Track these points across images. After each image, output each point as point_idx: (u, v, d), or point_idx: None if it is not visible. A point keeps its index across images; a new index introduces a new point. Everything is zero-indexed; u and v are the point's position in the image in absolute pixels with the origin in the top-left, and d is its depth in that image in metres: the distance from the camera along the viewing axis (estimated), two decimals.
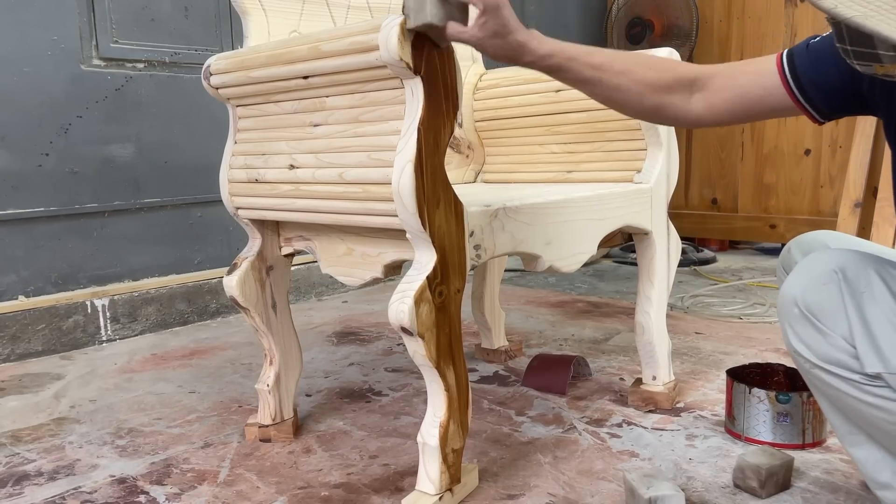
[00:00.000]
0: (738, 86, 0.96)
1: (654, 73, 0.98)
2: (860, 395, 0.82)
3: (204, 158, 2.24)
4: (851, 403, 0.84)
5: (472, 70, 1.66)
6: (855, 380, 0.82)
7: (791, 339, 0.87)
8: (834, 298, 0.82)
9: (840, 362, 0.83)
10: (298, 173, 1.13)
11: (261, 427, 1.35)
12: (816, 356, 0.85)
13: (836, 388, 0.84)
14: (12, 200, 1.92)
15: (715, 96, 0.97)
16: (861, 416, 0.85)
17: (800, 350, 0.87)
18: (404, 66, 0.92)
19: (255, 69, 1.15)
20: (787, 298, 0.87)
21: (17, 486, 1.20)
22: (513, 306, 2.39)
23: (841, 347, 0.82)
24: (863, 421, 0.86)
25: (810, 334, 0.85)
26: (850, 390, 0.83)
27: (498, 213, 1.07)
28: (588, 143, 1.47)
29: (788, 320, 0.87)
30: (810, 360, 0.86)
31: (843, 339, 0.82)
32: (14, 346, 1.91)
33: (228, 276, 1.28)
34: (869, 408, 0.83)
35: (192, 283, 2.26)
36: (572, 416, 1.43)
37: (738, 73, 0.97)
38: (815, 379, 0.88)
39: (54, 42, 1.95)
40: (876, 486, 0.88)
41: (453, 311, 1.04)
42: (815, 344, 0.85)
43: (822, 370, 0.85)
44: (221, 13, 2.28)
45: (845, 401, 0.85)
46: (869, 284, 0.81)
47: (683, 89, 0.98)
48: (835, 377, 0.84)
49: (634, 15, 3.29)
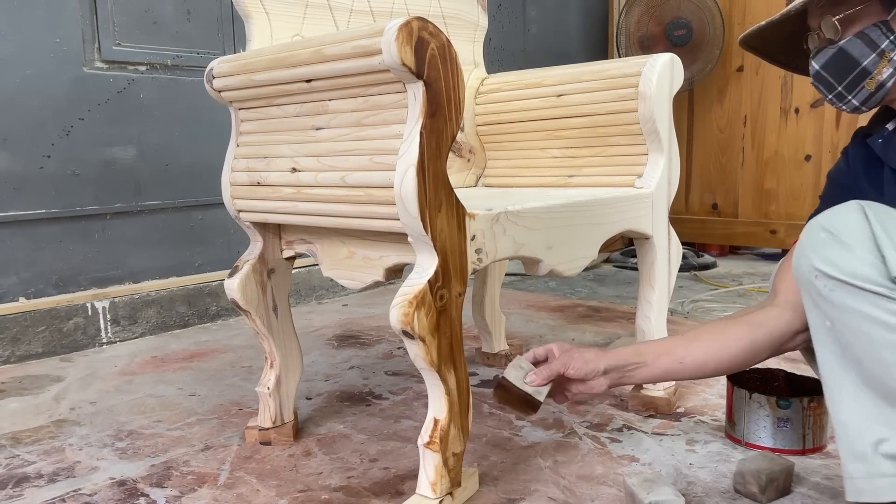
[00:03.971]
0: None
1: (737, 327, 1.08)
2: (878, 312, 0.82)
3: (205, 161, 2.24)
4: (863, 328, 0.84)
5: (474, 74, 1.66)
6: (879, 292, 0.82)
7: (815, 261, 0.87)
8: (860, 222, 0.85)
9: (866, 276, 0.83)
10: (300, 176, 1.13)
11: (261, 430, 1.35)
12: (842, 272, 0.85)
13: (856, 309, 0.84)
14: (13, 202, 1.92)
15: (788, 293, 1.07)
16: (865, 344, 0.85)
17: (825, 269, 0.86)
18: (407, 70, 0.92)
19: (257, 72, 1.15)
20: (814, 226, 0.89)
21: (17, 487, 1.20)
22: (513, 310, 2.39)
23: (868, 261, 0.83)
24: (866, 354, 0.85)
25: (837, 253, 0.85)
26: (868, 309, 0.83)
27: (500, 217, 1.08)
28: (589, 147, 1.48)
29: (814, 246, 0.88)
30: (836, 278, 0.85)
31: (870, 253, 0.83)
32: (14, 348, 1.91)
33: (230, 279, 1.28)
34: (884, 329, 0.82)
35: (192, 286, 2.27)
36: (572, 421, 1.42)
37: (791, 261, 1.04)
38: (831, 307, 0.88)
39: (57, 44, 1.95)
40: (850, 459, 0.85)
41: (454, 315, 1.04)
42: (841, 261, 0.85)
43: (848, 286, 0.85)
44: (224, 16, 2.29)
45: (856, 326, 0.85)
46: (889, 214, 0.84)
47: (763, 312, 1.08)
48: (857, 293, 0.84)
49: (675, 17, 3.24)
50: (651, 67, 1.35)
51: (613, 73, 1.40)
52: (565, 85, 1.48)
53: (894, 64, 0.78)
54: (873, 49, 0.84)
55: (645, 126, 1.37)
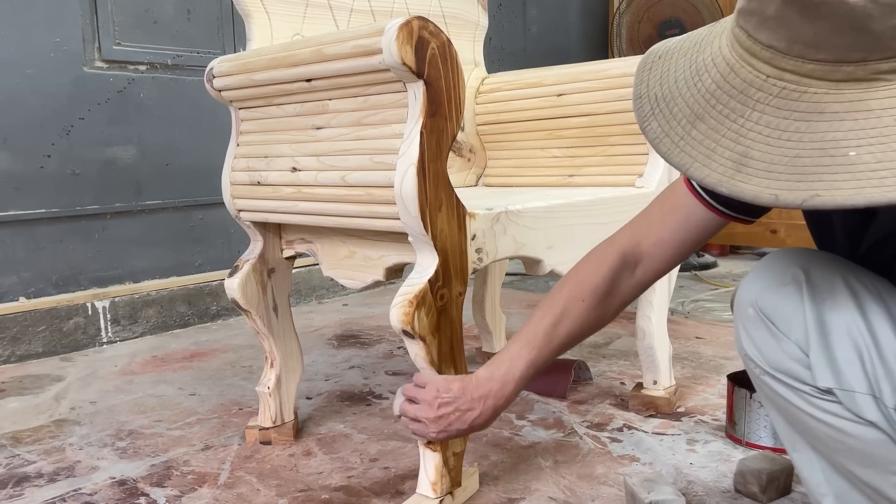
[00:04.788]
0: (673, 242, 0.94)
1: (589, 298, 0.95)
2: (809, 408, 0.75)
3: (205, 161, 2.24)
4: (798, 415, 0.77)
5: (475, 74, 1.66)
6: (805, 391, 0.75)
7: (743, 341, 0.80)
8: (793, 301, 0.75)
9: (791, 372, 0.75)
10: (301, 176, 1.13)
11: (261, 430, 1.35)
12: (768, 363, 0.77)
13: (785, 397, 0.77)
14: (14, 202, 1.92)
15: (655, 260, 0.95)
16: (807, 427, 0.78)
17: (751, 354, 0.79)
18: (407, 69, 0.92)
19: (258, 72, 1.15)
20: (743, 298, 0.80)
21: (18, 487, 1.20)
22: (514, 310, 2.39)
23: (794, 355, 0.75)
24: (808, 432, 0.79)
25: (763, 338, 0.77)
26: (798, 402, 0.76)
27: (500, 216, 1.08)
28: (590, 147, 1.47)
29: (742, 322, 0.80)
30: (761, 366, 0.78)
31: (797, 347, 0.74)
32: (14, 348, 1.91)
33: (230, 279, 1.28)
34: (816, 422, 0.75)
35: (192, 286, 2.27)
36: (573, 421, 1.42)
37: (663, 226, 0.94)
38: (764, 386, 0.81)
39: (57, 44, 1.95)
40: (816, 495, 0.81)
41: (455, 315, 1.04)
42: (767, 349, 0.77)
43: (773, 378, 0.78)
44: (224, 16, 2.29)
45: (792, 411, 0.78)
46: (833, 290, 0.74)
47: (623, 278, 0.96)
48: (785, 387, 0.77)
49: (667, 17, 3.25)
50: None
51: (613, 72, 1.40)
52: (565, 84, 1.48)
53: None
54: None
55: None
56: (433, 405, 0.94)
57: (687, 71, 0.64)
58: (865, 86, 0.55)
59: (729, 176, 0.58)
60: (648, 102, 0.67)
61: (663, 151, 0.63)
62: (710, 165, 0.59)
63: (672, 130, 0.63)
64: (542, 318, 0.95)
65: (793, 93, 0.57)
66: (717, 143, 0.59)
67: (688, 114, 0.62)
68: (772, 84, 0.58)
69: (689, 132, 0.61)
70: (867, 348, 0.71)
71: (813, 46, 0.55)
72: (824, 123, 0.56)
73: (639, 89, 0.69)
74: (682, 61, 0.66)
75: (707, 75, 0.62)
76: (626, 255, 0.95)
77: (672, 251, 0.94)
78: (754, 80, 0.59)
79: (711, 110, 0.61)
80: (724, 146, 0.59)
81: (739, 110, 0.59)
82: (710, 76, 0.62)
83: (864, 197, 0.53)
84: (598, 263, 0.96)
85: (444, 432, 0.94)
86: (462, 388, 0.94)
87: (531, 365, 0.95)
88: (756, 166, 0.57)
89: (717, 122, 0.60)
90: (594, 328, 0.99)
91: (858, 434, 0.72)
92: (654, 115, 0.65)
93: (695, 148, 0.61)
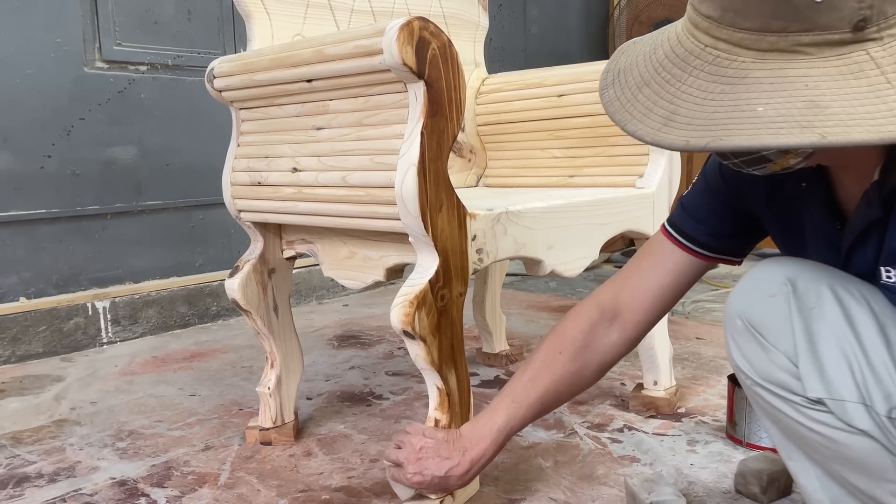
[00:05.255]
0: (650, 288, 0.96)
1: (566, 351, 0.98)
2: (800, 418, 0.76)
3: (206, 161, 2.24)
4: (791, 424, 0.78)
5: (475, 74, 1.66)
6: (796, 402, 0.75)
7: (733, 353, 0.81)
8: (780, 312, 0.76)
9: (781, 382, 0.76)
10: (301, 176, 1.13)
11: (261, 430, 1.35)
12: (758, 374, 0.78)
13: (777, 408, 0.78)
14: (14, 202, 1.92)
15: (634, 310, 0.97)
16: (800, 436, 0.79)
17: (741, 366, 0.80)
18: (408, 70, 0.92)
19: (258, 72, 1.15)
20: (731, 310, 0.81)
21: (18, 487, 1.20)
22: (514, 311, 2.39)
23: (783, 366, 0.76)
24: (801, 441, 0.79)
25: (753, 350, 0.78)
26: (790, 412, 0.76)
27: (500, 217, 1.08)
28: (590, 147, 1.47)
29: (731, 333, 0.81)
30: (752, 378, 0.79)
31: (786, 358, 0.75)
32: (15, 348, 1.91)
33: (230, 279, 1.28)
34: (809, 432, 0.76)
35: (193, 286, 2.27)
36: (573, 421, 1.42)
37: (640, 278, 0.97)
38: (756, 396, 0.82)
39: (58, 44, 1.95)
40: (813, 501, 0.82)
41: (455, 315, 1.04)
42: (756, 361, 0.78)
43: (764, 389, 0.78)
44: (224, 16, 2.29)
45: (785, 421, 0.79)
46: (819, 299, 0.74)
47: (600, 330, 0.98)
48: (776, 397, 0.77)
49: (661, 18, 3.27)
50: None
51: None
52: (566, 85, 1.48)
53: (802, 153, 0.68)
54: None
55: None
56: (415, 446, 0.99)
57: (648, 48, 0.71)
58: (787, 57, 0.59)
59: (656, 130, 0.64)
60: (610, 74, 0.73)
61: (610, 112, 0.69)
62: (645, 122, 0.65)
63: (623, 96, 0.69)
64: (521, 373, 1.01)
65: (724, 61, 0.62)
66: (654, 104, 0.65)
67: (638, 81, 0.68)
68: (708, 52, 0.63)
69: (636, 96, 0.67)
70: (856, 357, 0.72)
71: (741, 14, 0.60)
72: (745, 87, 0.60)
73: (608, 66, 0.75)
74: (648, 41, 0.72)
75: (660, 49, 0.68)
76: (603, 307, 0.98)
77: (650, 298, 0.96)
78: (694, 48, 0.64)
79: (657, 76, 0.66)
80: (660, 106, 0.64)
81: (679, 76, 0.64)
82: (662, 50, 0.68)
83: (757, 140, 0.57)
84: (577, 317, 1.00)
85: (419, 475, 0.97)
86: (446, 436, 1.00)
87: (511, 418, 0.99)
88: (680, 122, 0.62)
89: (659, 87, 0.66)
90: (573, 384, 1.00)
91: (850, 443, 0.73)
92: (612, 84, 0.71)
93: (637, 108, 0.66)
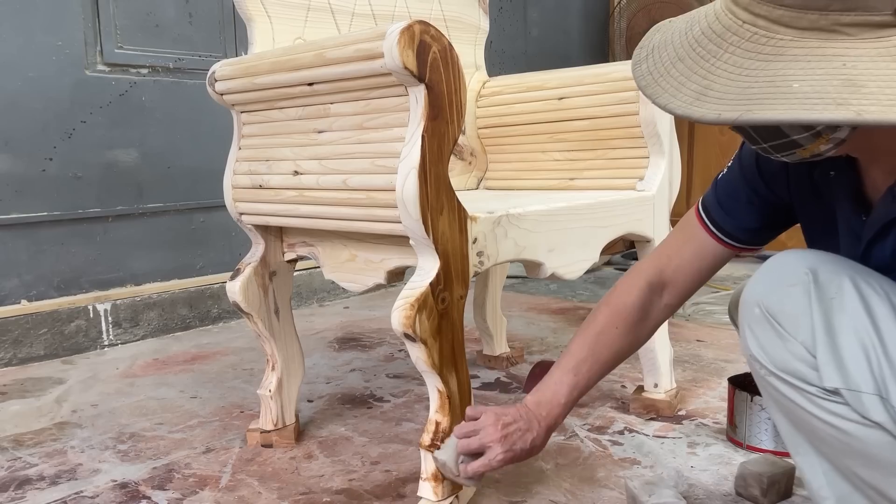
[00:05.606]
0: (691, 270, 1.04)
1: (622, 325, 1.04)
2: (814, 409, 0.75)
3: (207, 164, 2.25)
4: (803, 416, 0.78)
5: (476, 77, 1.66)
6: (811, 392, 0.75)
7: (749, 342, 0.80)
8: (800, 301, 0.75)
9: (797, 372, 0.76)
10: (302, 179, 1.14)
11: (262, 432, 1.35)
12: (773, 363, 0.78)
13: (790, 398, 0.78)
14: (16, 205, 1.92)
15: (678, 286, 1.05)
16: (811, 429, 0.78)
17: (757, 355, 0.80)
18: (408, 73, 0.93)
19: (259, 76, 1.15)
20: (749, 298, 0.80)
21: (20, 490, 1.21)
22: (514, 313, 2.39)
23: (800, 356, 0.75)
24: (812, 434, 0.79)
25: (769, 338, 0.78)
26: (804, 403, 0.76)
27: (501, 220, 1.08)
28: (591, 150, 1.48)
29: (748, 321, 0.80)
30: (766, 367, 0.79)
31: (803, 347, 0.75)
32: (16, 351, 1.91)
33: (232, 282, 1.28)
34: (822, 423, 0.76)
35: (194, 288, 2.27)
36: (574, 424, 1.42)
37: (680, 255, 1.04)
38: (769, 387, 0.81)
39: (59, 47, 1.96)
40: (818, 498, 0.82)
41: (456, 318, 1.04)
42: (773, 349, 0.78)
43: (778, 378, 0.78)
44: (225, 19, 2.29)
45: (797, 413, 0.79)
46: (840, 290, 0.74)
47: (654, 304, 1.05)
48: (790, 387, 0.77)
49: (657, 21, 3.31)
50: None
51: (615, 76, 1.41)
52: (567, 88, 1.49)
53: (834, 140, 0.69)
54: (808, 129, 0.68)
55: (646, 129, 1.37)
56: (496, 426, 0.98)
57: (684, 24, 0.71)
58: (826, 36, 0.59)
59: (688, 103, 0.64)
60: (645, 50, 0.73)
61: (642, 86, 0.69)
62: (677, 96, 0.65)
63: (656, 70, 0.69)
64: (580, 347, 1.04)
65: (762, 38, 0.62)
66: (687, 79, 0.65)
67: (672, 57, 0.68)
68: (746, 29, 0.63)
69: (670, 71, 0.67)
70: (874, 349, 0.72)
71: None
72: (781, 63, 0.60)
73: (642, 42, 0.75)
74: (684, 18, 0.73)
75: (697, 26, 0.68)
76: (652, 283, 1.05)
77: (690, 278, 1.05)
78: (731, 25, 0.64)
79: (692, 52, 0.67)
80: (693, 81, 0.65)
81: (714, 52, 0.65)
82: (699, 26, 0.68)
83: (790, 114, 0.58)
84: (628, 292, 1.05)
85: (509, 452, 0.98)
86: (517, 412, 1.01)
87: (573, 389, 1.02)
88: (713, 96, 0.63)
89: (693, 62, 0.66)
90: (628, 353, 1.07)
91: (864, 436, 0.73)
92: (646, 59, 0.71)
93: (669, 83, 0.67)
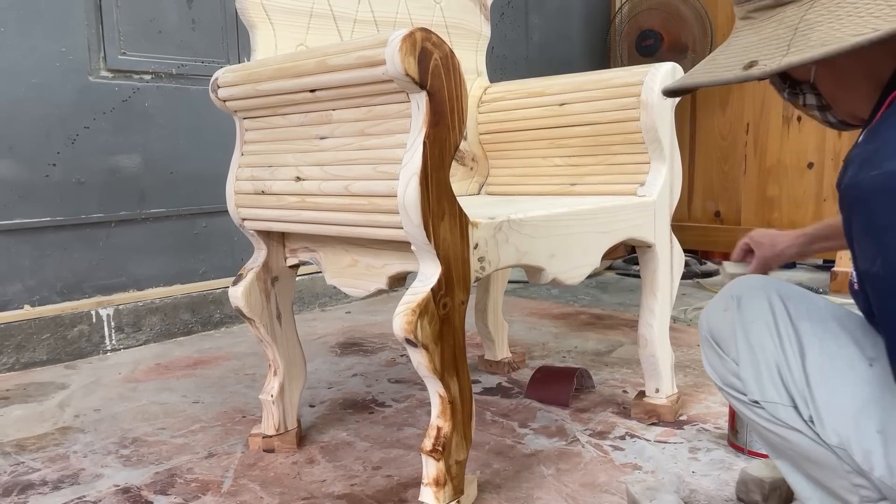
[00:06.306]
0: None
1: None
2: (755, 417, 0.86)
3: (209, 169, 2.25)
4: (754, 426, 0.88)
5: (477, 83, 1.67)
6: (748, 403, 0.86)
7: (704, 361, 0.93)
8: (729, 324, 0.88)
9: (734, 386, 0.87)
10: (305, 185, 1.14)
11: (264, 437, 1.35)
12: (720, 379, 0.90)
13: (740, 410, 0.88)
14: (19, 210, 1.93)
15: None
16: (763, 436, 0.89)
17: (709, 372, 0.92)
18: (410, 80, 0.93)
19: (262, 82, 1.16)
20: (702, 322, 0.93)
21: (22, 494, 1.21)
22: (516, 318, 2.39)
23: (734, 372, 0.87)
24: (765, 441, 0.90)
25: (714, 358, 0.90)
26: (748, 413, 0.87)
27: (502, 225, 1.08)
28: (592, 156, 1.48)
29: (701, 343, 0.93)
30: (716, 383, 0.91)
31: (734, 364, 0.87)
32: (19, 355, 1.92)
33: (234, 287, 1.28)
34: (766, 431, 0.86)
35: (196, 293, 2.27)
36: (575, 429, 1.43)
37: None
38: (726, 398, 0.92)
39: (62, 53, 1.97)
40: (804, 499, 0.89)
41: (457, 323, 1.04)
42: (717, 367, 0.90)
43: (726, 392, 0.89)
44: (228, 26, 2.30)
45: (751, 423, 0.89)
46: (758, 312, 0.85)
47: None
48: (735, 400, 0.88)
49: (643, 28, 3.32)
50: (653, 76, 1.35)
51: (616, 82, 1.41)
52: (568, 94, 1.49)
53: None
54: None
55: (647, 134, 1.37)
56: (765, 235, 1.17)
57: None
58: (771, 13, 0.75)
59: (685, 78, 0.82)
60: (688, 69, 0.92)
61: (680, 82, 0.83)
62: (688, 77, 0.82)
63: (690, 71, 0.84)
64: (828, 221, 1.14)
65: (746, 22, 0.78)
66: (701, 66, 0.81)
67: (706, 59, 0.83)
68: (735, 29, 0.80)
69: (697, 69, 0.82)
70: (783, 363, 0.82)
71: None
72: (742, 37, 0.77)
73: None
74: None
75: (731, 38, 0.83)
76: None
77: None
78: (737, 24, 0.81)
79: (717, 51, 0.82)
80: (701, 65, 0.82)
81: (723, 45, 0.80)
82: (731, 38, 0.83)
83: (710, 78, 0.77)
84: None
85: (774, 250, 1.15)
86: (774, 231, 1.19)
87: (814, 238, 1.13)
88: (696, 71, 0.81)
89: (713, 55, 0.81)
90: None
91: (797, 440, 0.82)
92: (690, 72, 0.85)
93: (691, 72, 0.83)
